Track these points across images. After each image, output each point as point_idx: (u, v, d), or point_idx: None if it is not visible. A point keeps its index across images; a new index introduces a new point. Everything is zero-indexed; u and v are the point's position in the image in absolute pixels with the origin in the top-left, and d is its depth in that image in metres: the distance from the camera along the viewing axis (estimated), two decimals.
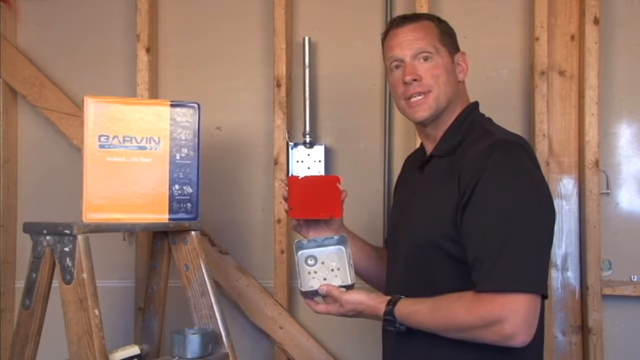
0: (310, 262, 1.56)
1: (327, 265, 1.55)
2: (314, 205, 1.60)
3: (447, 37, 1.53)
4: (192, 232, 1.78)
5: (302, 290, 1.52)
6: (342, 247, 1.57)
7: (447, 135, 1.52)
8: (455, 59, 1.53)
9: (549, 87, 2.12)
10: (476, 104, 1.57)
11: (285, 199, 1.63)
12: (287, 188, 1.63)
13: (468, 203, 1.37)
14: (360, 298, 1.47)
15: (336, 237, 1.58)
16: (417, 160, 1.62)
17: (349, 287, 1.51)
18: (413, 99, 1.50)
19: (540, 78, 2.11)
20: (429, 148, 1.57)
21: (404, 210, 1.59)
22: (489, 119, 1.56)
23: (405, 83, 1.50)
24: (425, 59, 1.49)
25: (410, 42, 1.50)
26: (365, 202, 2.22)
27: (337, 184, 1.60)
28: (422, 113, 1.50)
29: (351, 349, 2.28)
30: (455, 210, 1.39)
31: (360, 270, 1.66)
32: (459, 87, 1.53)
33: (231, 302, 2.27)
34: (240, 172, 2.33)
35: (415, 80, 1.49)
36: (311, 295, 1.52)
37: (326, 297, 1.50)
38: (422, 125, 1.56)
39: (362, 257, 1.66)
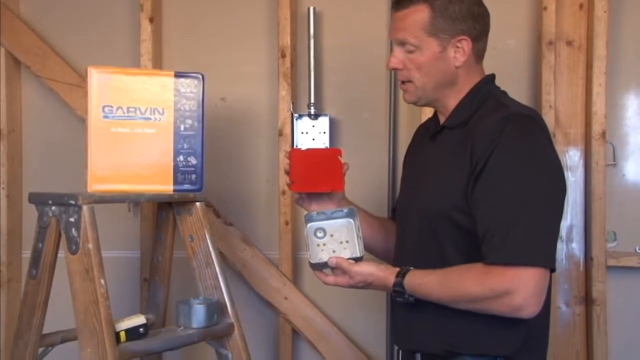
0: (320, 234, 1.56)
1: (336, 238, 1.55)
2: (315, 178, 1.60)
3: (442, 21, 1.45)
4: (197, 203, 1.78)
5: (312, 262, 1.52)
6: (351, 220, 1.57)
7: (460, 107, 1.50)
8: (453, 43, 1.46)
9: (556, 58, 2.10)
10: (492, 76, 1.55)
11: (287, 173, 1.63)
12: (288, 161, 1.62)
13: (480, 175, 1.37)
14: (370, 269, 1.48)
15: (345, 210, 1.58)
16: (430, 130, 1.60)
17: (358, 259, 1.51)
18: (401, 84, 1.53)
19: (548, 48, 2.09)
20: (442, 118, 1.56)
21: (414, 180, 1.58)
22: (504, 92, 1.54)
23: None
24: (409, 50, 1.47)
25: (396, 30, 1.48)
26: (370, 173, 2.23)
27: (339, 157, 1.60)
28: (408, 98, 1.53)
29: (356, 319, 2.29)
30: (467, 182, 1.39)
31: (363, 241, 1.68)
32: (457, 72, 1.48)
33: (236, 273, 2.28)
34: (244, 143, 2.33)
35: (396, 69, 1.51)
36: (320, 267, 1.52)
37: (335, 269, 1.51)
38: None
39: (365, 227, 1.64)
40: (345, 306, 2.27)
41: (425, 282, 1.41)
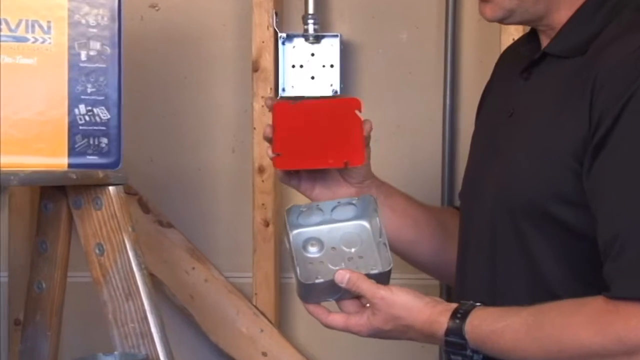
0: (313, 248, 1.59)
1: (340, 253, 1.58)
2: (315, 147, 1.64)
3: None
4: (110, 189, 1.76)
5: (305, 282, 1.51)
6: (365, 223, 1.59)
7: (575, 21, 1.51)
8: None
9: None
10: None
11: (270, 140, 1.65)
12: (271, 121, 1.65)
13: (605, 142, 1.36)
14: (407, 301, 1.48)
15: (355, 201, 1.60)
16: (522, 57, 1.60)
17: (381, 277, 1.50)
18: None
19: None
20: (544, 39, 1.56)
21: (492, 143, 1.60)
22: None
23: None
24: None
25: None
26: (412, 135, 2.28)
27: (356, 112, 1.62)
28: (491, 14, 1.55)
29: None
30: (582, 150, 1.39)
31: (402, 247, 1.72)
32: None
33: (178, 310, 2.32)
34: (192, 83, 2.35)
35: None
36: (318, 295, 1.51)
37: (343, 301, 1.51)
38: None
39: (405, 224, 1.71)
40: None
41: (502, 328, 1.42)
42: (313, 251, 1.58)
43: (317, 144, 1.63)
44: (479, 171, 1.62)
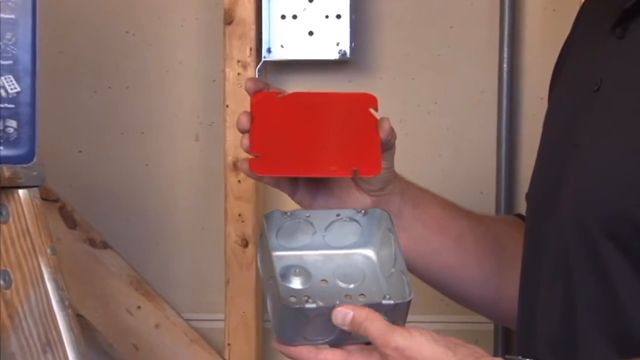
0: (296, 278, 1.59)
1: (333, 287, 1.58)
2: (312, 149, 1.66)
3: None
4: (20, 193, 1.74)
5: (291, 307, 1.48)
6: (370, 253, 1.61)
7: None
8: None
9: None
10: None
11: (246, 131, 1.65)
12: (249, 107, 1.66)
13: None
14: (432, 355, 1.42)
15: (359, 217, 1.61)
16: (614, 6, 1.56)
17: (394, 314, 1.48)
18: None
19: None
20: None
21: (571, 128, 1.58)
22: None
23: None
24: None
25: None
26: (456, 115, 2.33)
27: (371, 111, 1.64)
28: None
29: None
30: None
31: (439, 276, 1.79)
32: None
33: None
34: (138, 42, 2.41)
35: None
36: (304, 331, 1.49)
37: (336, 345, 1.49)
38: None
39: (443, 244, 1.75)
40: None
41: None
42: (296, 282, 1.57)
43: (313, 145, 1.65)
44: (552, 168, 1.61)
